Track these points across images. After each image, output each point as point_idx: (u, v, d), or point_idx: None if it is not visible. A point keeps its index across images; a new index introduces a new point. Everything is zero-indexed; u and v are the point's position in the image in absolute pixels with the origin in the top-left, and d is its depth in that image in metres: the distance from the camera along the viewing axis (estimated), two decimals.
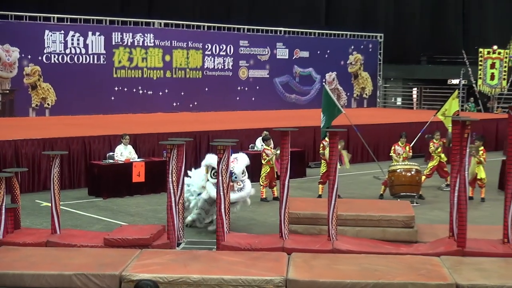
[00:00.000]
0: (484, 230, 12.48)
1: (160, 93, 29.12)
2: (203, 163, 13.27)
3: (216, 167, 12.13)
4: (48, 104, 26.18)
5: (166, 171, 11.81)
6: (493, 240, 11.65)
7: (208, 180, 13.00)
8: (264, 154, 16.95)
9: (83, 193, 17.51)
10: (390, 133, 23.67)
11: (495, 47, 34.26)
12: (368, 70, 36.73)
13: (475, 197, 16.99)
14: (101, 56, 27.38)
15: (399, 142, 17.74)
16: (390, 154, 18.01)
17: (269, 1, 35.30)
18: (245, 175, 13.32)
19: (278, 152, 14.23)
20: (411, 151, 17.92)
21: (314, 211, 12.78)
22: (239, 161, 13.14)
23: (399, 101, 40.54)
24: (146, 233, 11.73)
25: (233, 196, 12.68)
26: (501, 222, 11.69)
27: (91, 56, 27.11)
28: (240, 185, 12.93)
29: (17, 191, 12.47)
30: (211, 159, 12.77)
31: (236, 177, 12.88)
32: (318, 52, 34.43)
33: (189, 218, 13.63)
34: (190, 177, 13.69)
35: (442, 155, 18.11)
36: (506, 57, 34.01)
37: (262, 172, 16.94)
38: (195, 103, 30.03)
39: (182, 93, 29.75)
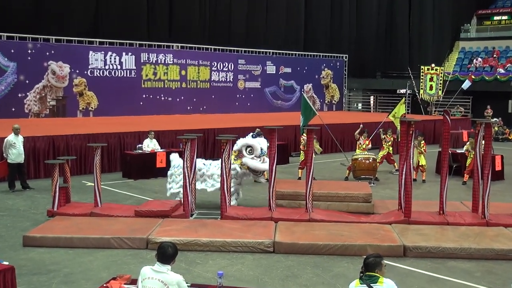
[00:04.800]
0: (424, 204, 12.52)
1: (178, 100, 29.05)
2: (235, 147, 12.47)
3: (252, 144, 12.40)
4: (92, 107, 26.11)
5: (182, 159, 11.78)
6: (431, 212, 11.69)
7: (239, 161, 12.48)
8: None
9: (118, 176, 17.48)
10: (353, 130, 23.54)
11: (433, 65, 34.25)
12: (336, 82, 36.71)
13: (418, 179, 17.02)
14: (132, 71, 27.30)
15: (362, 137, 17.71)
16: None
17: (261, 29, 35.22)
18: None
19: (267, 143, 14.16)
20: (370, 144, 17.88)
21: (295, 189, 12.80)
22: (263, 142, 12.77)
23: (360, 106, 40.51)
24: (167, 206, 11.73)
25: (266, 165, 12.30)
26: (438, 198, 11.74)
27: (125, 71, 27.02)
28: (265, 159, 12.50)
29: (68, 174, 12.49)
30: (245, 140, 12.54)
31: (264, 152, 12.53)
32: (298, 68, 34.40)
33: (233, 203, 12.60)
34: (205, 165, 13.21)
35: (390, 148, 18.13)
36: (441, 73, 34.00)
37: None
38: (204, 107, 29.97)
39: (194, 100, 29.69)
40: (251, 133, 12.92)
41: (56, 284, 8.29)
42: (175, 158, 13.37)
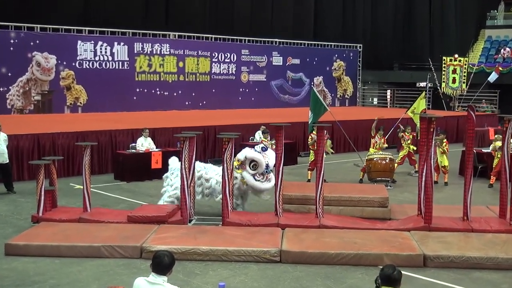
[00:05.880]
0: (446, 209, 12.50)
1: (175, 94, 29.08)
2: (239, 156, 12.31)
3: (257, 160, 12.14)
4: (80, 103, 26.16)
5: (179, 159, 11.80)
6: (454, 217, 11.66)
7: (240, 172, 12.29)
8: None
9: (109, 178, 17.50)
10: (368, 127, 23.59)
11: (456, 55, 34.19)
12: (349, 75, 36.68)
13: (439, 181, 16.99)
14: (125, 63, 27.33)
15: (377, 135, 17.68)
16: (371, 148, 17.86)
17: (266, 17, 35.20)
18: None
19: (274, 142, 14.17)
20: (385, 142, 17.86)
21: (304, 193, 12.79)
22: (271, 157, 12.36)
23: (375, 101, 40.47)
24: (163, 211, 11.75)
25: (269, 185, 12.24)
26: (461, 202, 11.71)
27: (117, 62, 27.06)
28: (270, 177, 12.38)
29: (54, 176, 12.52)
30: (251, 153, 12.27)
31: (271, 170, 12.35)
32: (308, 59, 34.38)
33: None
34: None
35: (411, 146, 18.10)
36: (465, 64, 33.93)
37: None
38: (204, 102, 30.00)
39: (193, 94, 29.71)
40: (259, 131, 12.84)
41: None
42: (171, 161, 13.34)
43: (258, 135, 19.24)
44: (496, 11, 44.20)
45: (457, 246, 10.13)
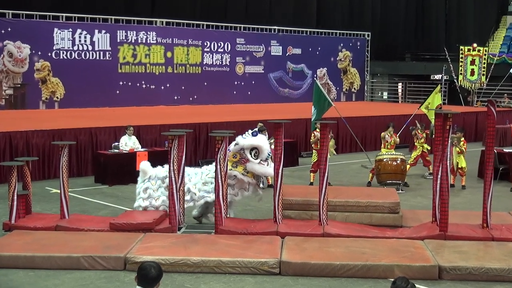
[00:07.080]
0: (464, 216, 12.51)
1: (162, 87, 29.08)
2: (234, 149, 12.38)
3: (258, 146, 12.23)
4: (57, 97, 26.15)
5: (168, 160, 11.80)
6: (472, 224, 11.68)
7: (242, 168, 12.30)
8: None
9: (90, 181, 17.49)
10: (377, 125, 23.68)
11: (474, 45, 34.25)
12: (356, 66, 36.71)
13: (456, 184, 17.02)
14: (107, 53, 27.33)
15: (387, 133, 17.70)
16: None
17: (264, 2, 35.23)
18: None
19: (272, 141, 14.17)
20: (398, 139, 17.86)
21: (306, 197, 12.77)
22: (266, 141, 12.73)
23: (385, 95, 40.55)
24: (149, 218, 11.74)
25: (271, 170, 12.21)
26: (481, 208, 11.72)
27: (98, 52, 27.05)
28: (270, 162, 12.46)
29: (28, 179, 12.50)
30: (248, 141, 12.33)
31: (270, 154, 12.47)
32: (310, 49, 34.39)
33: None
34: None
35: (425, 145, 18.13)
36: (485, 54, 34.00)
37: None
38: (195, 96, 30.01)
39: (183, 87, 29.72)
40: (250, 130, 12.80)
41: None
42: (146, 167, 13.05)
43: None
44: None
45: (476, 256, 10.14)
